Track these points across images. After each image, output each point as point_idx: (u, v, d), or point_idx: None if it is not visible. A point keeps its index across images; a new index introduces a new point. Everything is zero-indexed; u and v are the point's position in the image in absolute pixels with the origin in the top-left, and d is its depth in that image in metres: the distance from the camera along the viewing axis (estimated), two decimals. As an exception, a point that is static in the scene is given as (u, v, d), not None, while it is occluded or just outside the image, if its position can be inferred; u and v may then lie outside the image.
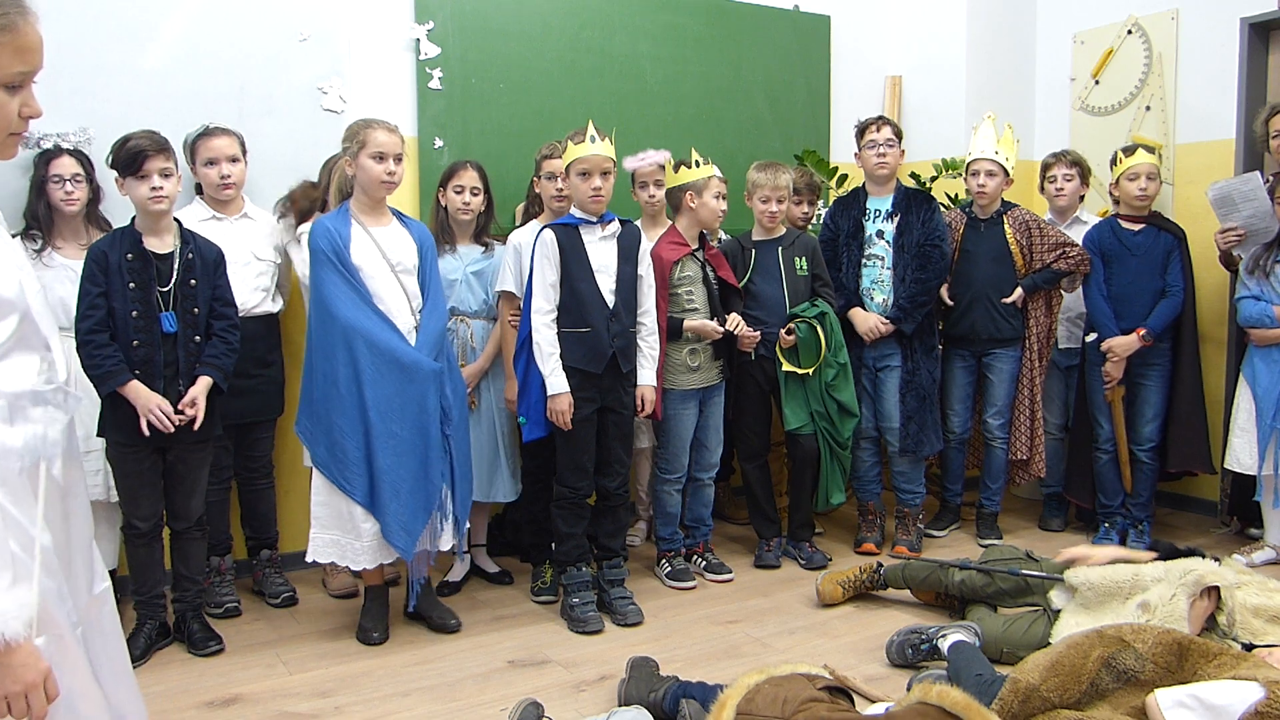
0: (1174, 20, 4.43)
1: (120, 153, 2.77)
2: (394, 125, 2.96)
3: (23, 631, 1.23)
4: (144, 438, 2.74)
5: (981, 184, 3.88)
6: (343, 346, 2.84)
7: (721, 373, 3.58)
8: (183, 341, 2.81)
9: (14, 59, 1.30)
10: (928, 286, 3.77)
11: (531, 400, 3.25)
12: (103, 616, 1.53)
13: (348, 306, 2.84)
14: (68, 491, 1.46)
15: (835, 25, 4.90)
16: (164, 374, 2.78)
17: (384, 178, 2.90)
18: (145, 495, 2.84)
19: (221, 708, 2.62)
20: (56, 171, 3.03)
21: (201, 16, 3.46)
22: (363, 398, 2.83)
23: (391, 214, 3.04)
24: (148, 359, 2.76)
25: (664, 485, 3.60)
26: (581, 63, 4.19)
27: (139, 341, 2.74)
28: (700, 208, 3.47)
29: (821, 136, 4.87)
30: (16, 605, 1.23)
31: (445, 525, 2.99)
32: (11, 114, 1.33)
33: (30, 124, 1.39)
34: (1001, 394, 4.00)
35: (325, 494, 2.94)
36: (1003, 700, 2.15)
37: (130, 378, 2.72)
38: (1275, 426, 3.56)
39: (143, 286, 2.75)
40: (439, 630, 3.09)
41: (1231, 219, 3.81)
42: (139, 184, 2.75)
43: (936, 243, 3.78)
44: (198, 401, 2.80)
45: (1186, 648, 2.16)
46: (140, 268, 2.76)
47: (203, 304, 2.86)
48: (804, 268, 3.73)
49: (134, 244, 2.77)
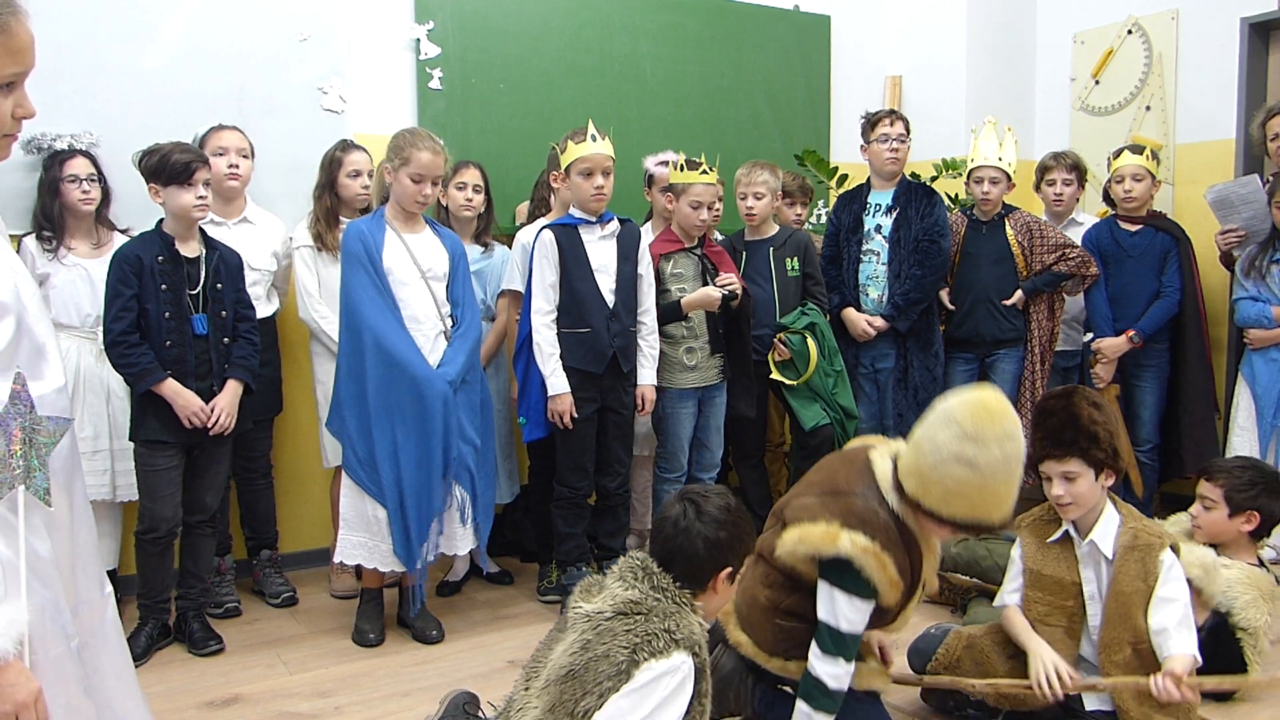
0: (1174, 20, 4.43)
1: (164, 162, 2.79)
2: (440, 145, 2.97)
3: (12, 649, 1.21)
4: (177, 435, 2.81)
5: (986, 192, 3.86)
6: (367, 348, 2.86)
7: (721, 372, 3.56)
8: (214, 343, 2.88)
9: (7, 60, 1.28)
10: (923, 284, 3.73)
11: (532, 400, 3.25)
12: (105, 623, 1.51)
13: (373, 311, 2.87)
14: (69, 497, 1.43)
15: (835, 25, 4.91)
16: (196, 372, 2.85)
17: (419, 198, 2.95)
18: (169, 496, 2.87)
19: (221, 708, 2.62)
20: (72, 172, 3.05)
21: (201, 16, 3.46)
22: (386, 401, 2.86)
23: (425, 222, 3.07)
24: (180, 359, 2.81)
25: (664, 484, 3.59)
26: (581, 63, 4.19)
27: (171, 342, 2.80)
28: (675, 212, 3.43)
29: (821, 136, 4.87)
30: (6, 622, 1.21)
31: (465, 528, 3.00)
32: (5, 114, 1.32)
33: (24, 125, 1.39)
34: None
35: (353, 496, 2.95)
36: (947, 646, 2.48)
37: (165, 376, 2.78)
38: (1276, 425, 3.56)
39: (174, 289, 2.81)
40: (419, 640, 3.05)
41: (1231, 220, 3.81)
42: (184, 192, 2.79)
43: (935, 238, 3.73)
44: (228, 409, 2.88)
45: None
46: (172, 270, 2.82)
47: (229, 307, 2.93)
48: (795, 268, 3.72)
49: (166, 247, 2.82)
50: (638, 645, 1.73)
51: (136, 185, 2.91)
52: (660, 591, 1.82)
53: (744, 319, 3.52)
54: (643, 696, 1.72)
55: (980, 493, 1.94)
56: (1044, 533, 2.46)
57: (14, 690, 1.21)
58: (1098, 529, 2.35)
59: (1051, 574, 2.40)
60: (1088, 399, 2.34)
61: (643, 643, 1.74)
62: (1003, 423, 1.94)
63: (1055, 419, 2.33)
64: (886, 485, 2.08)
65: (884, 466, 2.11)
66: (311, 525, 3.73)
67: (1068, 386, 2.46)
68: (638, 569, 1.87)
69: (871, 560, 2.00)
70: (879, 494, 2.08)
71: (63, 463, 1.40)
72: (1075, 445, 2.29)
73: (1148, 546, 2.31)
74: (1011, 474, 1.94)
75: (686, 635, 1.78)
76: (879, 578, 2.01)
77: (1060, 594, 2.38)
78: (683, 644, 1.76)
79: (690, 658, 1.77)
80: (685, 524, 1.87)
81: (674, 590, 1.83)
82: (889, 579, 2.02)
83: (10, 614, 1.21)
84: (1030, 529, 2.49)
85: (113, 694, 1.49)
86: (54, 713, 1.32)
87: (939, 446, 1.95)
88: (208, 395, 2.85)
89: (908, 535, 2.07)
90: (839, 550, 2.01)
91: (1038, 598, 2.41)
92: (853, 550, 2.00)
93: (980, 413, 1.94)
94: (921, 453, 1.99)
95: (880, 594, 2.04)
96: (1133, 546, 2.31)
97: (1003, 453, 1.91)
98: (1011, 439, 1.93)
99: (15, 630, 1.21)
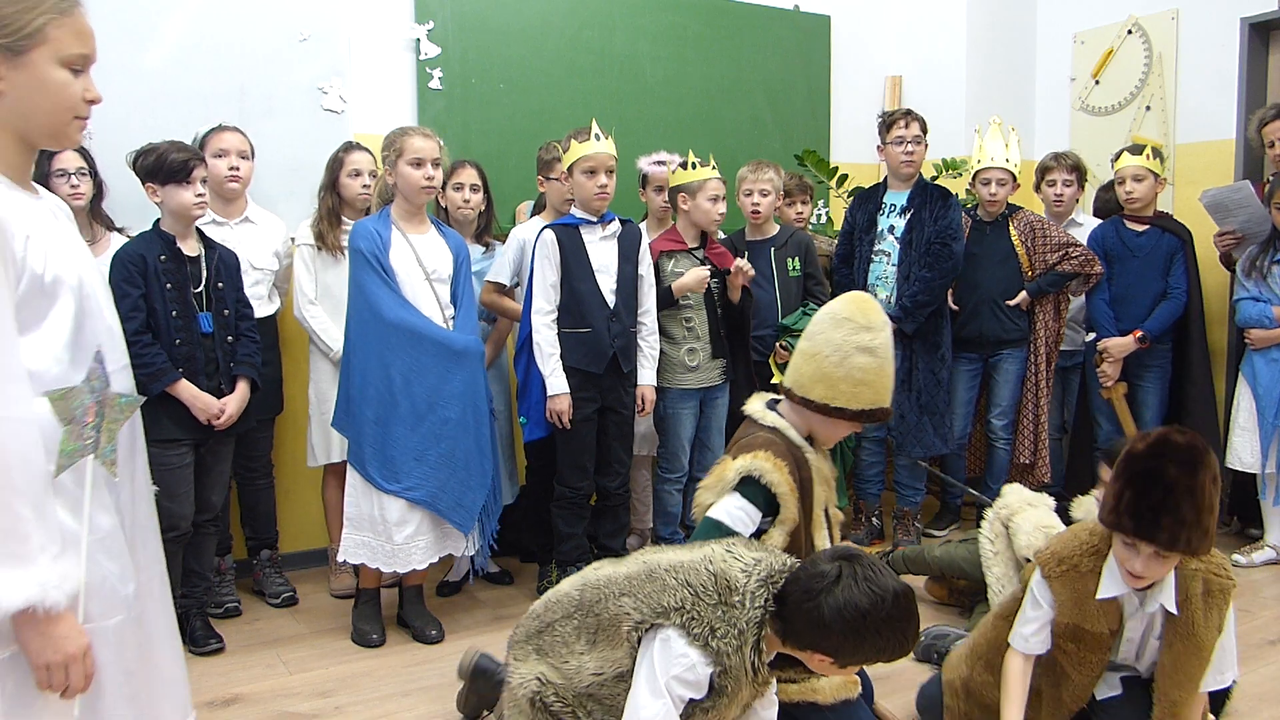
0: (1174, 20, 4.43)
1: (162, 162, 2.79)
2: (430, 131, 3.00)
3: (64, 602, 1.26)
4: (189, 432, 2.82)
5: (993, 193, 3.85)
6: (391, 345, 2.86)
7: (724, 373, 3.56)
8: (219, 341, 2.89)
9: (74, 41, 1.37)
10: (932, 286, 3.71)
11: (532, 400, 3.25)
12: (158, 596, 1.59)
13: (392, 305, 2.87)
14: (132, 474, 1.51)
15: (835, 25, 4.91)
16: (205, 371, 2.86)
17: (423, 183, 2.94)
18: (186, 493, 2.89)
19: (221, 708, 2.62)
20: (60, 166, 3.02)
21: (201, 16, 3.45)
22: (412, 392, 2.86)
23: (430, 223, 3.08)
24: (189, 357, 2.82)
25: (665, 485, 3.59)
26: (581, 63, 4.19)
27: (180, 340, 2.81)
28: (693, 210, 3.43)
29: (821, 136, 4.87)
30: (59, 576, 1.25)
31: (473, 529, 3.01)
32: (77, 95, 1.38)
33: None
34: (1006, 394, 3.98)
35: (358, 496, 2.95)
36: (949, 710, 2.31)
37: (179, 376, 2.78)
38: (1276, 425, 3.56)
39: (179, 288, 2.82)
40: (419, 640, 3.05)
41: (1228, 223, 3.82)
42: (183, 190, 2.79)
43: (947, 241, 3.71)
44: (239, 409, 2.90)
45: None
46: (175, 269, 2.82)
47: (231, 305, 2.94)
48: (796, 268, 3.72)
49: (167, 246, 2.82)
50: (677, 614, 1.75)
51: (132, 184, 2.90)
52: (744, 601, 1.74)
53: (745, 320, 3.52)
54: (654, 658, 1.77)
55: (879, 376, 2.14)
56: (1083, 587, 2.06)
57: (65, 642, 1.28)
58: (1163, 586, 2.01)
59: (1093, 629, 2.07)
60: (1210, 473, 1.86)
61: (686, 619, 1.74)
62: (878, 309, 2.19)
63: (1154, 494, 1.85)
64: (769, 420, 2.24)
65: (756, 406, 2.29)
66: (312, 525, 3.73)
67: (1168, 437, 1.89)
68: (771, 572, 1.77)
69: (765, 464, 2.11)
70: (759, 427, 2.24)
71: (126, 441, 1.48)
72: (1186, 545, 1.86)
73: (1222, 592, 2.01)
74: (891, 354, 2.18)
75: (718, 649, 1.72)
76: (776, 479, 2.11)
77: (1098, 646, 2.09)
78: (709, 651, 1.72)
79: (709, 665, 1.73)
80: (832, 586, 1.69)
81: (756, 615, 1.74)
82: (786, 481, 2.12)
83: (66, 569, 1.27)
84: (1063, 580, 2.09)
85: (163, 662, 1.58)
86: (114, 677, 1.42)
87: (840, 345, 2.13)
88: (215, 393, 2.87)
89: (796, 453, 2.20)
90: (734, 471, 2.13)
91: (1071, 649, 2.11)
92: (747, 463, 2.12)
93: (864, 304, 2.18)
94: (821, 358, 2.15)
95: (780, 500, 2.12)
96: (1207, 594, 2.00)
97: (888, 334, 2.17)
98: (888, 321, 2.20)
99: (69, 585, 1.27)
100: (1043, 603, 2.11)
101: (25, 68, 1.34)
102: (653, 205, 3.68)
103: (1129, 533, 1.89)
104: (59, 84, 1.36)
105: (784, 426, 2.23)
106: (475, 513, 2.97)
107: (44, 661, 1.27)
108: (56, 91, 1.36)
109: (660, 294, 3.40)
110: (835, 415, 2.16)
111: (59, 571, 1.25)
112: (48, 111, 1.37)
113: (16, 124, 1.37)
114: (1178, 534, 1.83)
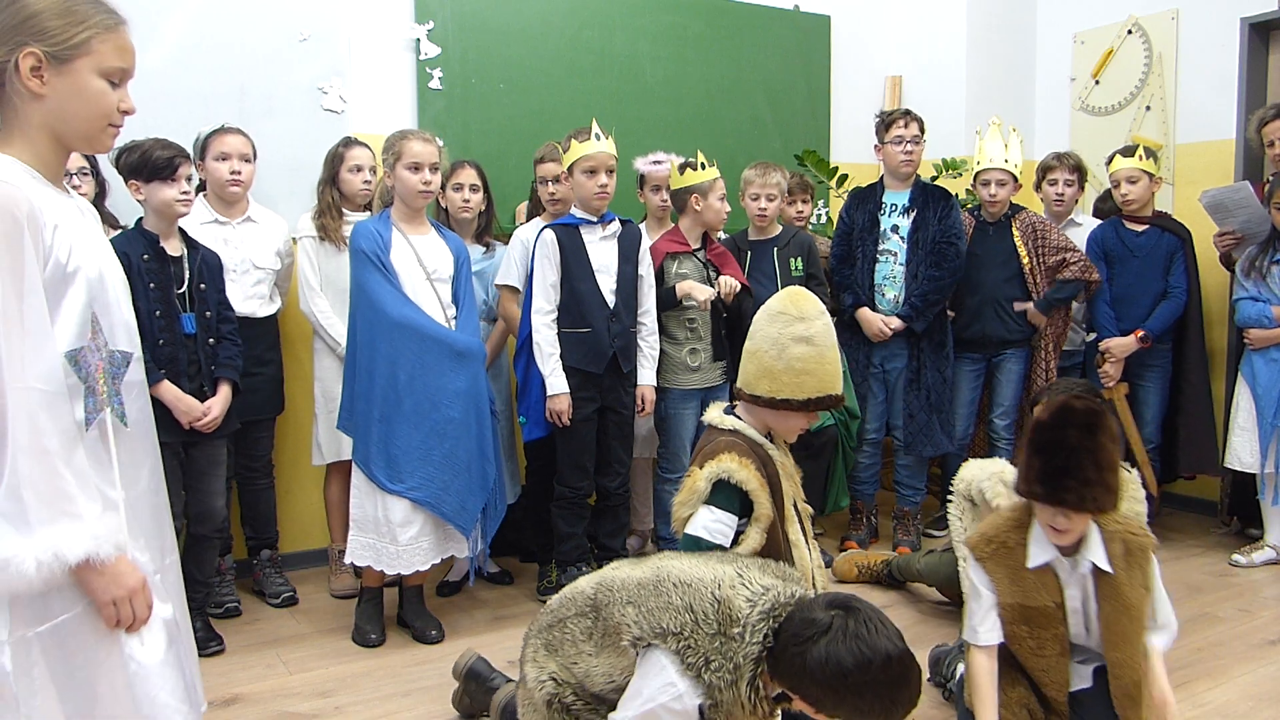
0: (1174, 20, 4.43)
1: (146, 159, 2.77)
2: (430, 135, 3.00)
3: (113, 554, 1.38)
4: (173, 435, 2.79)
5: (994, 194, 3.85)
6: (396, 342, 2.85)
7: (725, 374, 3.56)
8: (201, 343, 2.87)
9: (115, 55, 1.46)
10: (940, 284, 3.72)
11: (531, 400, 3.25)
12: (172, 577, 1.63)
13: (395, 302, 2.87)
14: (151, 462, 1.59)
15: (835, 25, 4.91)
16: (187, 373, 2.84)
17: (420, 187, 2.94)
18: (174, 496, 2.85)
19: (221, 708, 2.62)
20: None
21: (201, 16, 3.45)
22: (416, 390, 2.85)
23: (430, 224, 3.08)
24: (172, 358, 2.80)
25: (665, 485, 3.59)
26: (581, 63, 4.19)
27: (164, 340, 2.79)
28: (705, 210, 3.45)
29: (821, 136, 4.87)
30: (108, 529, 1.38)
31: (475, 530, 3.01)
32: (112, 104, 1.47)
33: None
34: (1009, 394, 3.97)
35: (363, 497, 2.94)
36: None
37: (161, 377, 2.77)
38: (1276, 425, 3.56)
39: (162, 288, 2.79)
40: (419, 640, 3.05)
41: (1227, 223, 3.82)
42: (167, 188, 2.77)
43: (952, 240, 3.72)
44: (221, 412, 2.88)
45: None
46: (159, 269, 2.79)
47: (213, 307, 2.93)
48: (799, 268, 3.72)
49: (150, 245, 2.80)
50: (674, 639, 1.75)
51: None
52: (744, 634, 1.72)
53: (743, 321, 3.52)
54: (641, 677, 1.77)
55: (820, 363, 2.21)
56: (1015, 560, 2.13)
57: (126, 577, 1.41)
58: (1089, 545, 2.09)
59: (1037, 604, 2.11)
60: (1109, 434, 1.98)
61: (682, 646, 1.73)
62: (813, 300, 2.26)
63: (1057, 459, 1.98)
64: (727, 424, 2.30)
65: (714, 414, 2.35)
66: (312, 525, 3.73)
67: (1068, 404, 2.01)
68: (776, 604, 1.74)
69: (732, 464, 2.16)
70: (719, 432, 2.29)
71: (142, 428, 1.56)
72: (1093, 503, 1.98)
73: (1141, 550, 2.11)
74: (833, 338, 2.25)
75: (710, 683, 1.70)
76: (745, 476, 2.16)
77: (1049, 623, 2.12)
78: (700, 683, 1.71)
79: (699, 697, 1.71)
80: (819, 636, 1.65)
81: (754, 651, 1.71)
82: (755, 477, 2.17)
83: (110, 523, 1.40)
84: (995, 559, 2.15)
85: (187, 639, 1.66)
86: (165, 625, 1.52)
87: (776, 339, 2.22)
88: (198, 396, 2.85)
89: (759, 451, 2.26)
90: (704, 479, 2.17)
91: (1025, 633, 2.13)
92: (715, 467, 2.17)
93: (796, 297, 2.26)
94: (762, 354, 2.23)
95: (753, 496, 2.15)
96: (1127, 553, 2.09)
97: (824, 321, 2.24)
98: (824, 310, 2.27)
99: (118, 537, 1.40)
100: (981, 588, 2.16)
101: (68, 75, 1.43)
102: (650, 205, 3.68)
103: (1040, 499, 2.03)
104: (97, 92, 1.45)
105: (742, 427, 2.30)
106: (477, 516, 2.97)
107: (109, 598, 1.39)
108: (93, 99, 1.45)
109: (663, 295, 3.40)
110: (783, 408, 2.23)
111: (107, 525, 1.38)
112: (84, 118, 1.46)
113: (55, 125, 1.45)
114: (1084, 494, 1.96)
